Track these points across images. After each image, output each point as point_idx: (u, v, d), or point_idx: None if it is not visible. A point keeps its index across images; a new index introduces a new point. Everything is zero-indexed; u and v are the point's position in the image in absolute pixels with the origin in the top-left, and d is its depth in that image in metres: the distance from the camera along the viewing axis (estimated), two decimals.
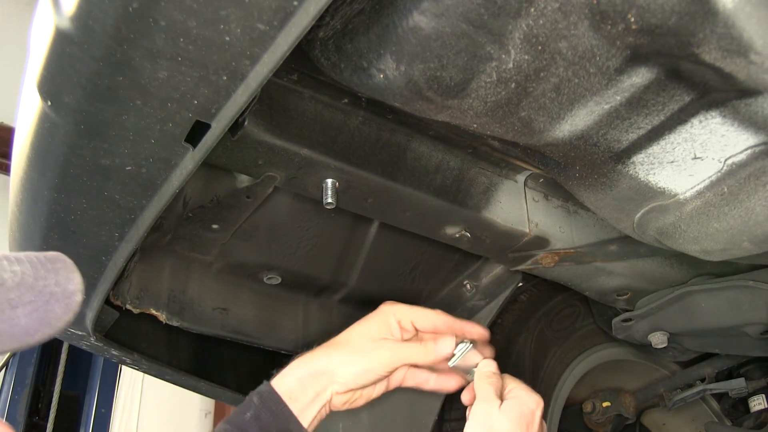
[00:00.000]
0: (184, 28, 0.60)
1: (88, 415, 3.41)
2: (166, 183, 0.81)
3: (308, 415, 1.11)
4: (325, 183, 1.03)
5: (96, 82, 0.66)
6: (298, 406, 1.10)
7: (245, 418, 1.07)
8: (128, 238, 0.93)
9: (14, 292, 0.68)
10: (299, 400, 1.10)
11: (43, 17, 0.65)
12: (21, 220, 0.96)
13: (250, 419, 1.07)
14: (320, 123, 1.00)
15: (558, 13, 0.64)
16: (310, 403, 1.11)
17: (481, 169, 1.17)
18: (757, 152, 0.77)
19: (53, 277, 0.72)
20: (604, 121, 0.79)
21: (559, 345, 1.80)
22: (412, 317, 1.19)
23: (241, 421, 1.07)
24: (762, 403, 1.83)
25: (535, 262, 1.29)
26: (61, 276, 0.73)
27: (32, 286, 0.70)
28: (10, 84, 1.57)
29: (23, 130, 0.81)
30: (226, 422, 1.08)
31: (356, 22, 0.71)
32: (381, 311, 1.20)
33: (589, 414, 1.97)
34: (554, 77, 0.71)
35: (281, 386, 1.11)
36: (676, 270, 1.39)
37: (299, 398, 1.10)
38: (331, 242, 1.34)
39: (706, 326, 1.40)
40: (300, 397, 1.11)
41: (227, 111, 0.70)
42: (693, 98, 0.75)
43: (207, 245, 1.25)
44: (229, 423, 1.08)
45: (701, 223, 0.86)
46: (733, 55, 0.63)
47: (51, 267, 0.73)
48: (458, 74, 0.70)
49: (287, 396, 1.10)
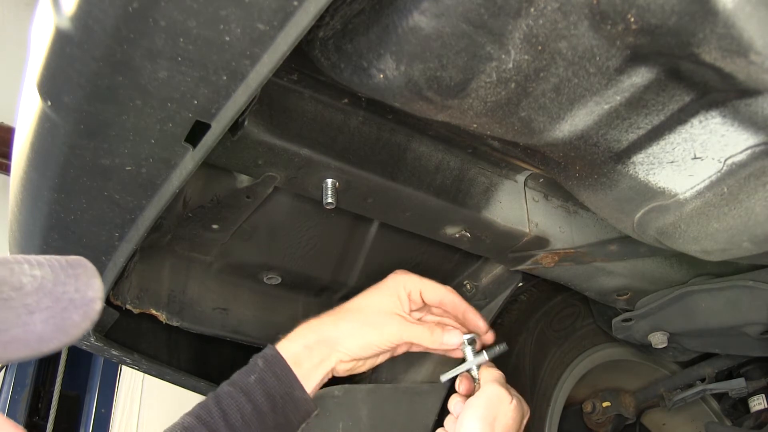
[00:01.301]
0: (184, 28, 0.60)
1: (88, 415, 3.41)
2: (166, 183, 0.81)
3: (312, 380, 1.12)
4: (325, 183, 1.03)
5: (96, 82, 0.66)
6: (301, 371, 1.11)
7: (249, 381, 1.08)
8: (128, 238, 0.93)
9: (32, 297, 0.66)
10: (303, 366, 1.11)
11: (43, 17, 0.65)
12: (21, 220, 0.96)
13: (254, 382, 1.08)
14: (320, 123, 1.00)
15: (558, 13, 0.64)
16: (314, 369, 1.12)
17: (481, 169, 1.17)
18: (757, 152, 0.76)
19: (73, 282, 0.70)
20: (604, 121, 0.79)
21: (559, 345, 1.80)
22: (422, 288, 1.21)
23: (246, 384, 1.08)
24: (762, 403, 1.83)
25: (535, 262, 1.29)
26: (81, 282, 0.70)
27: (51, 291, 0.67)
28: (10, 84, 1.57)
29: (23, 130, 0.81)
30: (230, 384, 1.08)
31: (356, 22, 0.71)
32: (394, 280, 1.21)
33: (589, 414, 1.97)
34: (554, 77, 0.71)
35: (286, 351, 1.11)
36: (676, 270, 1.39)
37: (303, 364, 1.11)
38: (331, 242, 1.34)
39: (706, 326, 1.40)
40: (304, 362, 1.11)
41: (227, 111, 0.70)
42: (693, 98, 0.75)
43: (207, 245, 1.25)
44: (232, 385, 1.08)
45: (701, 223, 0.86)
46: (733, 55, 0.63)
47: (72, 272, 0.70)
48: (458, 74, 0.70)
49: (292, 361, 1.10)
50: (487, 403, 1.07)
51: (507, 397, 1.08)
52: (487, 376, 1.14)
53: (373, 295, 1.20)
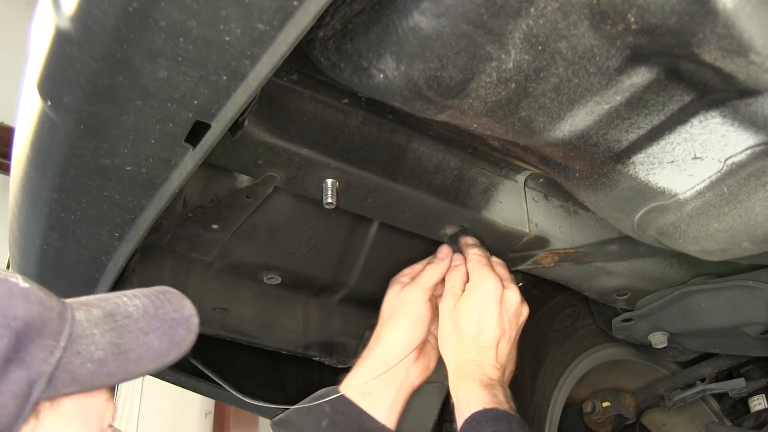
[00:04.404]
0: (184, 28, 0.60)
1: None
2: (166, 183, 0.81)
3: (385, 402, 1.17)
4: (325, 183, 1.02)
5: (96, 82, 0.66)
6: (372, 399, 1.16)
7: (322, 427, 1.13)
8: (128, 238, 0.93)
9: (142, 321, 0.77)
10: (373, 394, 1.17)
11: (43, 17, 0.65)
12: (21, 220, 0.96)
13: (326, 427, 1.13)
14: (320, 123, 1.00)
15: (558, 13, 0.64)
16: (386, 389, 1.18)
17: (481, 169, 1.17)
18: (757, 152, 0.76)
19: (169, 305, 0.81)
20: (604, 121, 0.79)
21: (559, 345, 1.80)
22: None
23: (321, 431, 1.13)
24: (762, 403, 1.83)
25: (535, 262, 1.29)
26: (175, 304, 0.82)
27: (155, 315, 0.79)
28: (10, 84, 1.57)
29: (23, 130, 0.81)
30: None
31: (356, 22, 0.71)
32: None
33: (589, 414, 1.97)
34: (554, 77, 0.71)
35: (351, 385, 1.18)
36: (676, 270, 1.39)
37: (373, 392, 1.17)
38: (331, 242, 1.33)
39: (706, 326, 1.40)
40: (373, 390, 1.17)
41: (227, 111, 0.70)
42: (693, 98, 0.75)
43: (207, 245, 1.25)
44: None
45: (701, 223, 0.86)
46: (733, 55, 0.63)
47: (164, 297, 0.82)
48: (458, 74, 0.70)
49: (359, 392, 1.17)
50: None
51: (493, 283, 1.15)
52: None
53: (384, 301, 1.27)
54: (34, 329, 0.67)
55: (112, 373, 0.73)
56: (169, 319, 0.80)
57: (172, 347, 0.78)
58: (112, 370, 0.73)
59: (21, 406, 0.65)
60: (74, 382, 0.69)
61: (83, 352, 0.70)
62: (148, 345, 0.76)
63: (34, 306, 0.69)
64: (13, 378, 0.65)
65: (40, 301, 0.70)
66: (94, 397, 0.74)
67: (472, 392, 1.07)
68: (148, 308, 0.79)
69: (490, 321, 1.12)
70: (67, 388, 0.69)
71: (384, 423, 1.15)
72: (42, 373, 0.66)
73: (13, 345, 0.65)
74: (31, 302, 0.69)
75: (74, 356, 0.69)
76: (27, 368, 0.65)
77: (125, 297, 0.80)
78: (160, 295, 0.82)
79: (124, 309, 0.77)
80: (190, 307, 0.83)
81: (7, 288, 0.69)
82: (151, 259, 1.25)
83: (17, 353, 0.65)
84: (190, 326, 0.81)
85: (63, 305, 0.73)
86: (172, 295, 0.84)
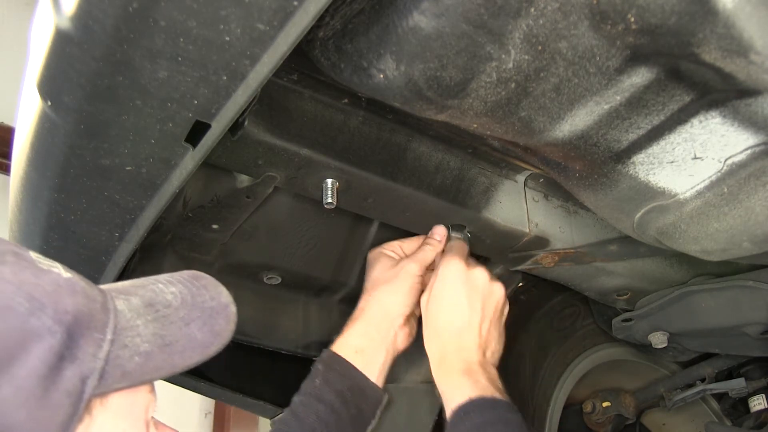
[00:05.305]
0: (184, 28, 0.60)
1: None
2: (166, 183, 0.81)
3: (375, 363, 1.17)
4: (325, 183, 1.02)
5: (96, 82, 0.66)
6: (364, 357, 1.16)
7: (316, 385, 1.12)
8: (128, 238, 0.93)
9: (183, 310, 0.73)
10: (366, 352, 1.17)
11: (43, 17, 0.65)
12: (21, 220, 0.96)
13: (320, 384, 1.12)
14: (320, 123, 1.00)
15: (558, 13, 0.64)
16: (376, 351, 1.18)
17: (481, 169, 1.17)
18: (757, 152, 0.77)
19: (206, 292, 0.77)
20: (604, 121, 0.79)
21: (559, 345, 1.80)
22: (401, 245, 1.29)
23: (313, 389, 1.11)
24: (762, 403, 1.83)
25: (535, 262, 1.29)
26: (211, 291, 0.78)
27: (193, 303, 0.75)
28: (10, 84, 1.57)
29: (23, 130, 0.81)
30: (299, 394, 1.12)
31: (356, 22, 0.71)
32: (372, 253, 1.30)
33: (589, 414, 1.97)
34: (554, 77, 0.71)
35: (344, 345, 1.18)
36: (676, 270, 1.39)
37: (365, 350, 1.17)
38: (331, 242, 1.34)
39: (706, 326, 1.40)
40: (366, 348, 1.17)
41: (227, 111, 0.70)
42: (693, 98, 0.75)
43: (207, 245, 1.25)
44: (301, 394, 1.12)
45: (701, 223, 0.86)
46: (733, 55, 0.63)
47: (199, 284, 0.78)
48: (458, 74, 0.70)
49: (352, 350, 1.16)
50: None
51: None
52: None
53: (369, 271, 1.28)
54: (84, 323, 0.64)
55: (159, 366, 0.69)
56: (207, 308, 0.75)
57: (213, 338, 0.74)
58: (159, 363, 0.69)
59: (75, 404, 0.62)
60: (124, 376, 0.66)
61: (130, 344, 0.67)
62: (190, 336, 0.72)
63: (80, 298, 0.65)
64: (67, 375, 0.62)
65: (84, 292, 0.67)
66: (139, 390, 0.71)
67: (455, 383, 1.07)
68: (185, 296, 0.75)
69: (460, 305, 1.14)
70: (117, 383, 0.66)
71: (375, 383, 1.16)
72: (93, 369, 0.63)
73: (65, 341, 0.62)
74: (77, 294, 0.65)
75: (121, 350, 0.66)
76: (79, 364, 0.62)
77: (160, 284, 0.76)
78: (195, 281, 0.78)
79: (162, 297, 0.73)
80: (227, 295, 0.79)
81: (52, 280, 0.64)
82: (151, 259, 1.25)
83: (69, 349, 0.62)
84: (228, 315, 0.77)
85: (104, 294, 0.70)
86: (207, 281, 0.79)
